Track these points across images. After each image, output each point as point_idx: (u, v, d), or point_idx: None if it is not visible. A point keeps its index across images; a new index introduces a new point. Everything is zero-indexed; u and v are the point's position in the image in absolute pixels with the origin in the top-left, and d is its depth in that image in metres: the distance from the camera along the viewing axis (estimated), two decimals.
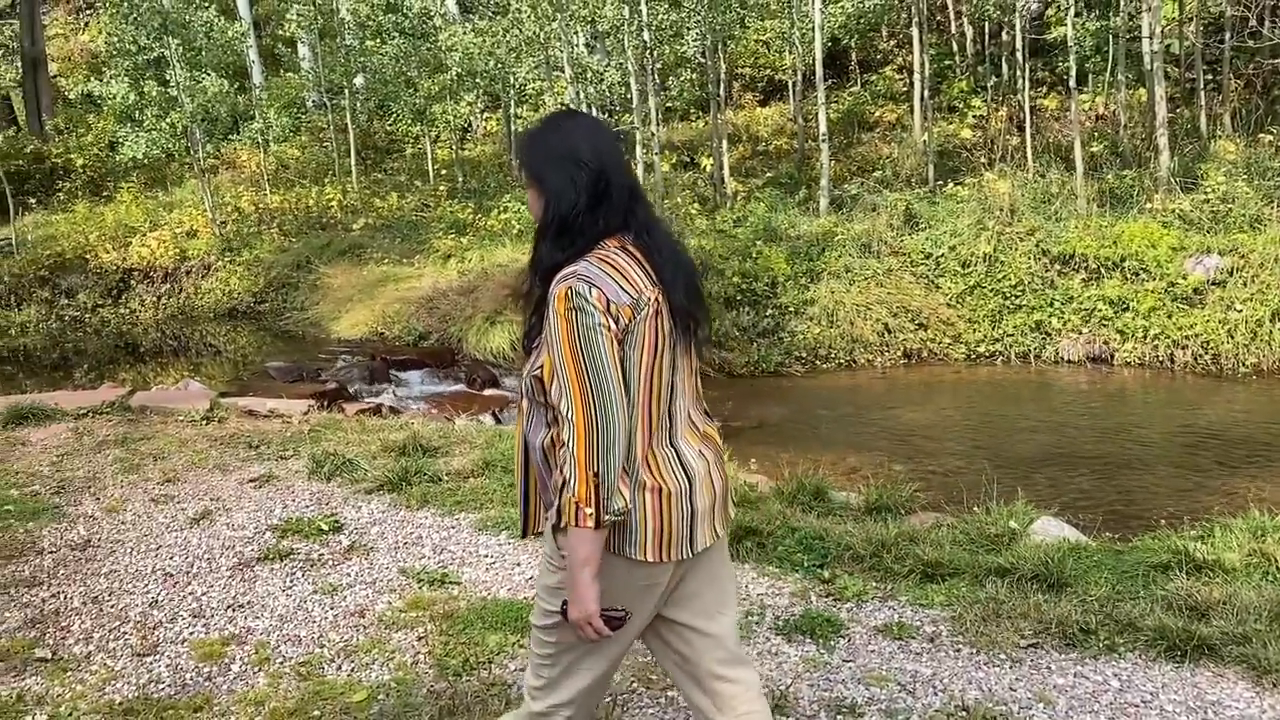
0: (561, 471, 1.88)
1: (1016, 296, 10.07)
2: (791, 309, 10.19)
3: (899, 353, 10.00)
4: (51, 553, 4.33)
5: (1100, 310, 9.73)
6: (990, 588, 3.76)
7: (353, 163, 16.67)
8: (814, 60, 12.63)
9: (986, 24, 15.68)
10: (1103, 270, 9.93)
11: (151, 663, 3.41)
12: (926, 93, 13.66)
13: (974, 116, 14.87)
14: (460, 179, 16.24)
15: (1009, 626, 3.47)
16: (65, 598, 3.91)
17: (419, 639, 3.58)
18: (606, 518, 1.84)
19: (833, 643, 3.47)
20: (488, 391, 9.38)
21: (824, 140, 12.28)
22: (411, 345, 10.81)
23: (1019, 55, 13.54)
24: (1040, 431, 7.81)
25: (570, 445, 1.83)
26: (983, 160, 13.04)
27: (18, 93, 20.07)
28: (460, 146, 17.40)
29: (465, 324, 10.67)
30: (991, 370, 9.80)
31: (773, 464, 6.19)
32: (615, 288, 1.87)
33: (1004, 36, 15.30)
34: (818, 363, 9.96)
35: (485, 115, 18.95)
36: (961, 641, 3.43)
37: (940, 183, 12.41)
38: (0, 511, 4.71)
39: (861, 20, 14.28)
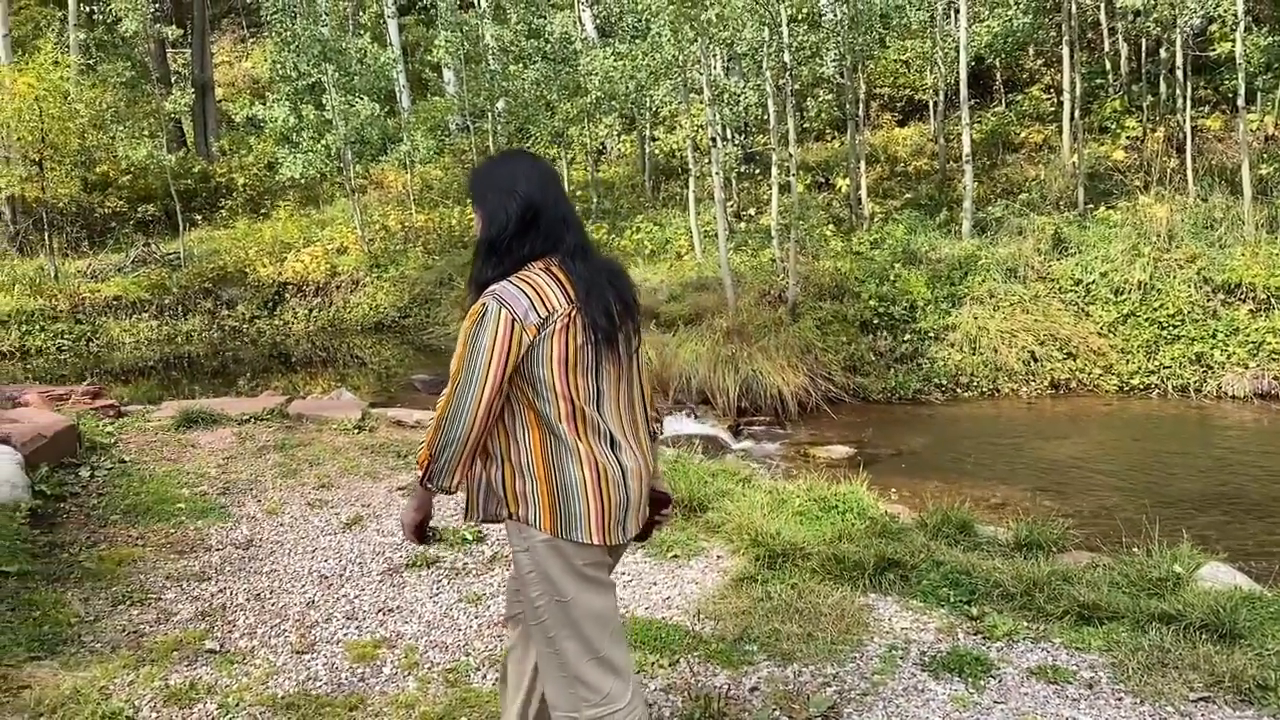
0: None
1: (1175, 327, 9.54)
2: (931, 334, 9.93)
3: (1046, 382, 9.60)
4: (218, 550, 4.59)
5: (1270, 343, 9.12)
6: (1154, 634, 3.56)
7: None
8: (957, 80, 12.33)
9: (1144, 41, 14.99)
10: (1273, 300, 9.31)
11: (309, 660, 3.56)
12: (1077, 113, 13.14)
13: (1128, 137, 14.20)
14: (595, 200, 16.53)
15: (1176, 677, 3.27)
16: (231, 594, 4.12)
17: None
18: (430, 485, 2.19)
19: (982, 683, 3.34)
20: None
21: (967, 161, 11.95)
22: None
23: (1179, 73, 12.88)
24: (1204, 471, 7.35)
25: (433, 421, 2.17)
26: (1137, 183, 12.43)
27: (188, 116, 21.52)
28: (595, 168, 17.71)
29: None
30: (1146, 404, 9.29)
31: (913, 494, 6.03)
32: (526, 306, 2.14)
33: (1162, 54, 14.57)
34: (959, 390, 9.67)
35: (620, 137, 19.25)
36: (1123, 690, 3.25)
37: (1091, 206, 11.90)
38: (173, 509, 5.02)
39: (1009, 39, 13.86)
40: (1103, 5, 15.64)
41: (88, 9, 21.78)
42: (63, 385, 8.11)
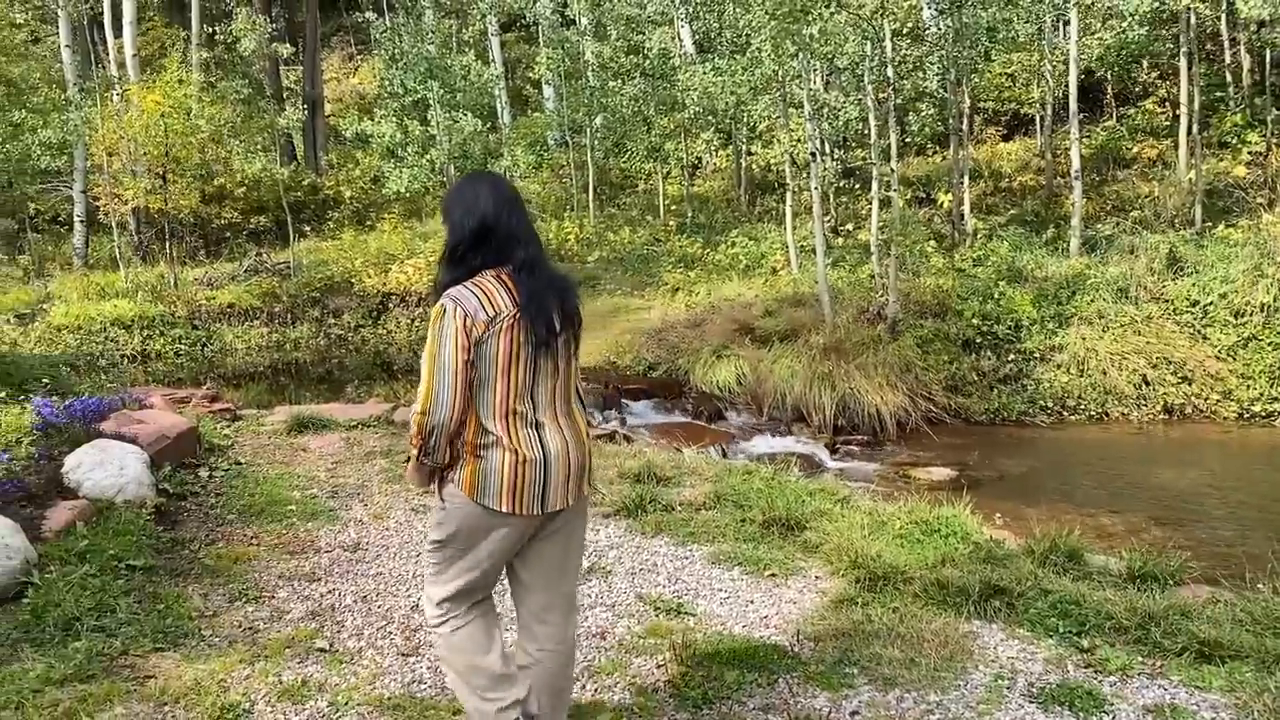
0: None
1: None
2: (1037, 355, 9.64)
3: (1158, 407, 9.23)
4: (327, 552, 4.73)
5: None
6: None
7: (590, 198, 17.38)
8: (1065, 93, 11.99)
9: (1268, 52, 14.33)
10: None
11: (414, 663, 3.64)
12: (1195, 127, 12.63)
13: (1250, 152, 13.60)
14: (689, 214, 16.57)
15: None
16: (339, 594, 4.25)
17: (658, 666, 3.63)
18: (426, 460, 2.60)
19: (1094, 718, 3.23)
20: (714, 424, 9.44)
21: (1076, 177, 11.60)
22: (641, 375, 11.07)
23: None
24: None
25: (415, 407, 2.56)
26: (1260, 200, 11.88)
27: (299, 131, 22.34)
28: (690, 182, 17.77)
29: (693, 356, 10.81)
30: (1270, 432, 8.84)
31: (1017, 520, 5.86)
32: (476, 305, 2.53)
33: None
34: (1065, 413, 9.37)
35: (716, 152, 19.27)
36: None
37: (1209, 224, 11.43)
38: (285, 511, 5.21)
39: (1122, 52, 13.41)
40: (1224, 16, 15.02)
41: (209, 29, 22.85)
42: (180, 388, 8.49)
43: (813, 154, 11.14)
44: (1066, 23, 12.99)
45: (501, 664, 2.75)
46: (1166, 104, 15.30)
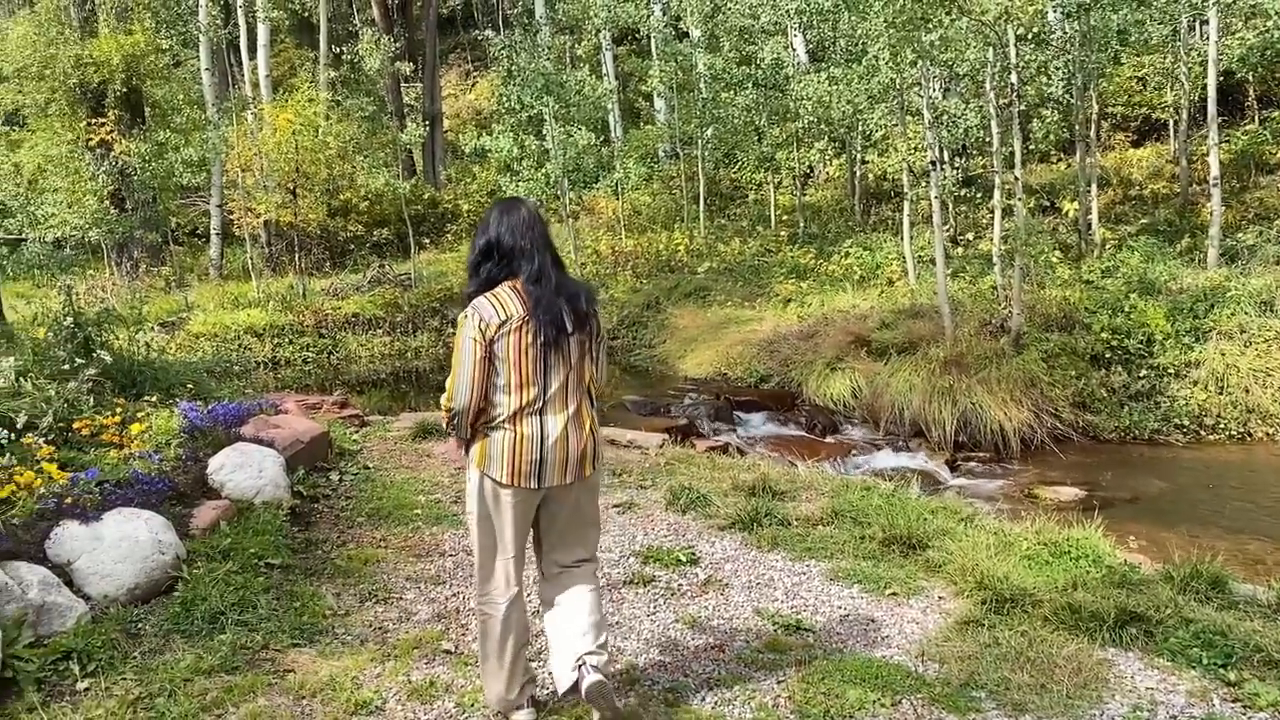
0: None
1: None
2: (1171, 370, 9.18)
3: None
4: (451, 555, 4.86)
5: None
6: None
7: (700, 209, 17.40)
8: (1202, 97, 11.42)
9: None
10: None
11: (536, 668, 3.69)
12: None
13: None
14: (801, 224, 16.42)
15: None
16: (463, 598, 4.36)
17: (778, 682, 3.61)
18: (453, 434, 3.20)
19: None
20: (829, 439, 9.31)
21: (1214, 184, 11.02)
22: (753, 386, 11.01)
23: None
24: None
25: (445, 396, 3.12)
26: None
27: (418, 146, 23.02)
28: (802, 192, 17.61)
29: (805, 369, 10.70)
30: None
31: (1153, 544, 5.60)
32: (491, 311, 3.04)
33: None
34: (1202, 432, 8.89)
35: (830, 161, 19.04)
36: None
37: None
38: (411, 515, 5.37)
39: (1266, 52, 12.70)
40: None
41: (336, 50, 23.82)
42: (306, 394, 8.84)
43: (932, 163, 10.90)
44: (1204, 23, 12.40)
45: (513, 661, 3.24)
46: None
